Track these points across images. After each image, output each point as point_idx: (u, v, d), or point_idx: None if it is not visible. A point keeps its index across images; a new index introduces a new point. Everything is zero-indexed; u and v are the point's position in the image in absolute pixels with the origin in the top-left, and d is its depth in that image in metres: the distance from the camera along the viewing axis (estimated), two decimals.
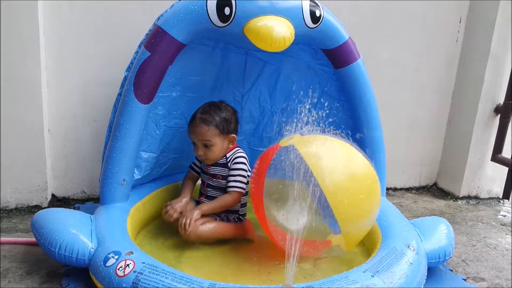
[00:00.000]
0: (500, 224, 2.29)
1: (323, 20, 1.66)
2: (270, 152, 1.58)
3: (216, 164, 1.79)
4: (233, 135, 1.77)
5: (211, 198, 1.79)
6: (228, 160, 1.77)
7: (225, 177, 1.78)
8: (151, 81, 1.62)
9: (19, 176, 2.01)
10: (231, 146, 1.79)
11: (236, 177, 1.76)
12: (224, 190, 1.78)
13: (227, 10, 1.53)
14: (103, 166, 1.72)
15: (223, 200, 1.75)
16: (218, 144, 1.73)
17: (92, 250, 1.43)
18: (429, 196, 2.66)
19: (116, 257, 1.35)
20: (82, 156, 2.15)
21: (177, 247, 1.70)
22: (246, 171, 1.78)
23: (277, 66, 2.00)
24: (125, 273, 1.29)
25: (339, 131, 1.61)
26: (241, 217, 1.83)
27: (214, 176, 1.79)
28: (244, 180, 1.77)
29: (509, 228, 2.24)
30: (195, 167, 1.90)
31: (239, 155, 1.78)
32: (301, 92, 1.74)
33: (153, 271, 1.29)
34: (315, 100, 1.87)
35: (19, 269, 1.56)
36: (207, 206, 1.73)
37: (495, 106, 2.51)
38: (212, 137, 1.71)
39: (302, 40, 1.70)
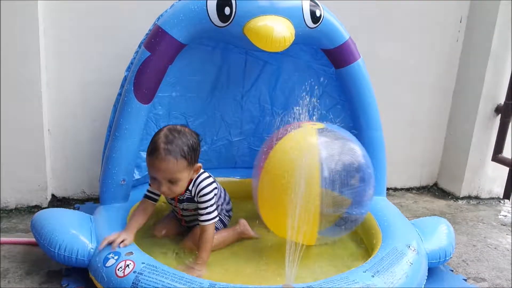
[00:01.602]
0: (501, 224, 2.28)
1: (323, 20, 1.66)
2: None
3: (182, 201, 1.62)
4: (199, 164, 1.56)
5: (190, 221, 1.71)
6: (193, 194, 1.58)
7: (196, 209, 1.62)
8: (151, 81, 1.62)
9: (19, 176, 2.00)
10: (195, 176, 1.58)
11: (206, 209, 1.57)
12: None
13: (227, 10, 1.53)
14: (103, 166, 1.72)
15: (209, 240, 1.56)
16: (185, 178, 1.51)
17: (92, 250, 1.43)
18: (429, 196, 2.66)
19: (116, 257, 1.35)
20: (82, 156, 2.15)
21: (177, 247, 1.70)
22: (213, 197, 1.60)
23: (277, 66, 2.00)
24: (125, 273, 1.29)
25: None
26: (229, 213, 1.80)
27: (185, 210, 1.66)
28: (214, 206, 1.59)
29: (510, 228, 2.23)
30: (153, 196, 1.61)
31: (202, 185, 1.57)
32: (302, 93, 1.74)
33: (153, 271, 1.29)
34: (315, 100, 1.87)
35: (19, 269, 1.56)
36: (205, 255, 1.55)
37: (495, 106, 2.50)
38: (180, 172, 1.47)
39: (302, 40, 1.70)
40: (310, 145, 1.54)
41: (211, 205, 1.59)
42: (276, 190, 1.55)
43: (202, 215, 1.57)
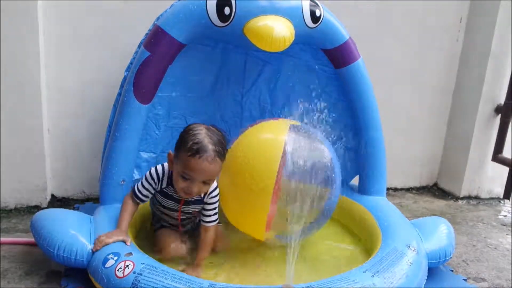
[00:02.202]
0: (501, 224, 2.28)
1: (323, 20, 1.66)
2: None
3: (190, 203, 1.57)
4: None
5: (189, 222, 1.67)
6: (202, 195, 1.56)
7: (199, 211, 1.60)
8: (151, 81, 1.62)
9: (19, 176, 2.00)
10: None
11: (213, 210, 1.57)
12: (199, 215, 1.63)
13: (227, 10, 1.53)
14: (102, 166, 1.71)
15: (211, 241, 1.57)
16: (215, 179, 1.51)
17: (91, 251, 1.42)
18: (429, 196, 2.65)
19: (116, 258, 1.35)
20: (82, 156, 2.15)
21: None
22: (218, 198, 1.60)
23: (277, 66, 2.00)
24: (125, 274, 1.29)
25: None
26: None
27: (188, 213, 1.61)
28: (218, 208, 1.60)
29: (510, 228, 2.23)
30: (142, 197, 1.54)
31: (214, 186, 1.55)
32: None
33: (153, 271, 1.28)
34: (315, 100, 1.87)
35: (19, 269, 1.56)
36: (206, 255, 1.55)
37: (495, 106, 2.50)
38: (219, 173, 1.46)
39: (302, 40, 1.70)
40: (277, 135, 1.55)
41: (217, 207, 1.59)
42: (232, 171, 1.54)
43: (208, 216, 1.57)
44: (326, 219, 1.66)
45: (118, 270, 1.30)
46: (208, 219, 1.57)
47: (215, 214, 1.58)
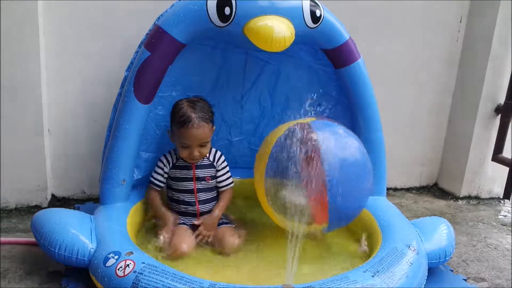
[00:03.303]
0: (501, 224, 2.29)
1: (323, 20, 1.66)
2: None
3: (201, 167, 1.77)
4: (214, 126, 1.75)
5: (205, 201, 1.78)
6: (212, 160, 1.79)
7: (213, 177, 1.80)
8: (151, 81, 1.62)
9: (19, 176, 2.00)
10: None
11: (226, 174, 1.82)
12: (213, 189, 1.81)
13: (227, 10, 1.53)
14: (103, 166, 1.72)
15: (228, 200, 1.81)
16: (210, 140, 1.72)
17: (92, 250, 1.42)
18: (429, 196, 2.66)
19: (116, 257, 1.35)
20: (82, 156, 2.15)
21: None
22: None
23: (277, 66, 2.00)
24: (125, 273, 1.29)
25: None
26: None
27: (202, 179, 1.77)
28: (229, 172, 1.83)
29: (510, 228, 2.23)
30: (158, 183, 1.79)
31: (219, 152, 1.82)
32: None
33: (153, 271, 1.28)
34: (315, 100, 1.87)
35: (19, 269, 1.56)
36: (219, 211, 1.76)
37: (495, 106, 2.50)
38: (209, 135, 1.69)
39: (302, 40, 1.70)
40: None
41: (229, 170, 1.82)
42: (257, 161, 1.72)
43: (223, 180, 1.80)
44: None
45: (118, 269, 1.30)
46: (223, 183, 1.81)
47: (228, 177, 1.82)
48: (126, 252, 1.37)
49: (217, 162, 1.79)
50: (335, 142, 1.56)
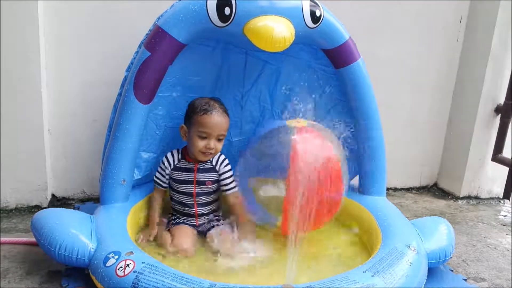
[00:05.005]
0: (501, 224, 2.29)
1: (323, 20, 1.66)
2: None
3: (203, 170, 1.76)
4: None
5: (204, 204, 1.79)
6: (215, 164, 1.77)
7: (214, 182, 1.78)
8: (151, 81, 1.62)
9: (19, 176, 2.00)
10: None
11: (230, 178, 1.78)
12: (213, 192, 1.80)
13: (227, 10, 1.53)
14: (103, 166, 1.72)
15: (239, 204, 1.77)
16: (225, 136, 1.73)
17: (92, 250, 1.42)
18: (429, 196, 2.66)
19: (116, 257, 1.35)
20: (82, 156, 2.15)
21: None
22: None
23: (277, 66, 2.00)
24: (125, 273, 1.29)
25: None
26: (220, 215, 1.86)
27: (202, 183, 1.76)
28: (233, 176, 1.80)
29: (510, 228, 2.23)
30: (161, 183, 1.80)
31: (223, 156, 1.80)
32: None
33: (153, 271, 1.28)
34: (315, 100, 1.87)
35: (19, 269, 1.56)
36: (242, 214, 1.77)
37: (495, 106, 2.50)
38: (227, 128, 1.72)
39: (302, 40, 1.70)
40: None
41: (232, 175, 1.78)
42: None
43: (227, 184, 1.77)
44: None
45: (118, 269, 1.30)
46: (228, 187, 1.77)
47: (232, 181, 1.78)
48: (126, 252, 1.37)
49: (219, 166, 1.77)
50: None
